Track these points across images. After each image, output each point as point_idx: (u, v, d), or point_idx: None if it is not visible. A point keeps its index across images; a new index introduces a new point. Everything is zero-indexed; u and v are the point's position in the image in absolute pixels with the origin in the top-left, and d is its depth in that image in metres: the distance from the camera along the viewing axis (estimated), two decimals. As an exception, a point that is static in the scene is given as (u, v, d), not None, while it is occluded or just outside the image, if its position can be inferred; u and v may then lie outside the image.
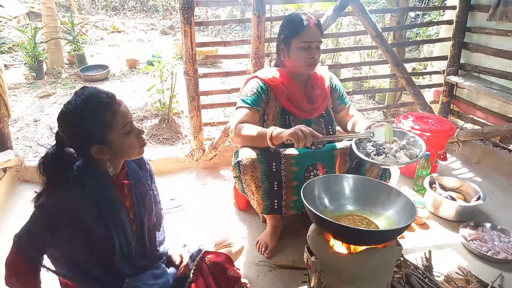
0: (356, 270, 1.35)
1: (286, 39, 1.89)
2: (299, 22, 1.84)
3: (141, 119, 4.12)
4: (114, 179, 1.28)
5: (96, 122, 1.16)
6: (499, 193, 2.62)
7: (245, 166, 1.79)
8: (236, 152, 1.90)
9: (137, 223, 1.35)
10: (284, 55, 1.93)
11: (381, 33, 2.91)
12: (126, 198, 1.32)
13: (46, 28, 5.63)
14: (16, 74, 5.53)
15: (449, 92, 3.25)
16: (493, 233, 2.17)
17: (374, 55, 6.30)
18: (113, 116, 1.18)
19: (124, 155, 1.28)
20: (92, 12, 11.21)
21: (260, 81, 1.94)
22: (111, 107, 1.18)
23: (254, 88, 1.92)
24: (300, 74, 1.95)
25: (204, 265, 1.47)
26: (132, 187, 1.34)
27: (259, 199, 1.88)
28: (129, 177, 1.34)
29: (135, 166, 1.39)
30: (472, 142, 3.10)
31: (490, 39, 2.92)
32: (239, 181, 1.87)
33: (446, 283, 1.82)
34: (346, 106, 2.12)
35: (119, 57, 6.74)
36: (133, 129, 1.24)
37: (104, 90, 1.21)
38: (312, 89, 2.00)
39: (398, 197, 1.46)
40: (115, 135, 1.19)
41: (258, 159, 1.80)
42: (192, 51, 2.51)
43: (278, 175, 1.84)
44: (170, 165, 2.82)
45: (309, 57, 1.85)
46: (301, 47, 1.84)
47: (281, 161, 1.83)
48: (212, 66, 6.40)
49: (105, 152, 1.20)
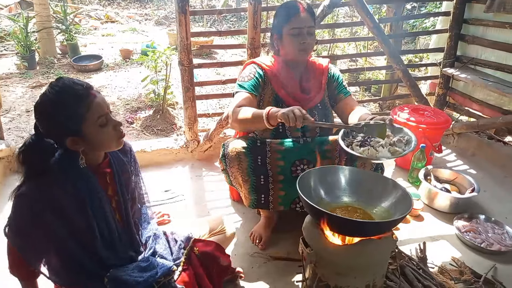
0: (351, 261, 1.35)
1: (278, 27, 1.88)
2: (289, 9, 1.83)
3: (135, 110, 4.08)
4: (96, 168, 1.28)
5: (69, 115, 1.15)
6: (494, 185, 2.63)
7: (231, 159, 1.79)
8: (223, 145, 1.89)
9: (120, 212, 1.35)
10: (278, 44, 1.92)
11: (378, 24, 2.89)
12: (108, 187, 1.32)
13: (38, 17, 5.54)
14: (8, 64, 5.45)
15: (445, 84, 3.25)
16: (487, 225, 2.17)
17: (370, 47, 6.28)
18: (87, 108, 1.16)
19: (100, 147, 1.26)
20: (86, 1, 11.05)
21: (257, 67, 1.93)
22: (86, 99, 1.16)
23: (251, 73, 1.90)
24: (295, 61, 1.92)
25: (193, 255, 1.45)
26: (114, 176, 1.33)
27: (246, 193, 1.87)
28: (112, 165, 1.34)
29: (118, 155, 1.38)
30: (468, 135, 3.11)
31: (487, 31, 2.91)
32: (226, 174, 1.89)
33: (440, 274, 1.82)
34: (345, 96, 2.01)
35: (112, 47, 6.66)
36: (109, 121, 1.22)
37: (80, 82, 1.19)
38: (307, 79, 1.97)
39: (394, 189, 1.46)
40: (89, 127, 1.18)
41: (244, 152, 1.79)
42: (187, 41, 2.47)
43: (264, 169, 1.82)
44: (164, 157, 2.80)
45: (301, 42, 1.82)
46: (291, 34, 1.82)
47: (267, 154, 1.81)
48: (207, 57, 6.34)
49: (79, 144, 1.19)
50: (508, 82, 2.73)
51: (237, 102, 1.82)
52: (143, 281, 1.28)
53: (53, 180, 1.18)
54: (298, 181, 1.40)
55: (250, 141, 1.84)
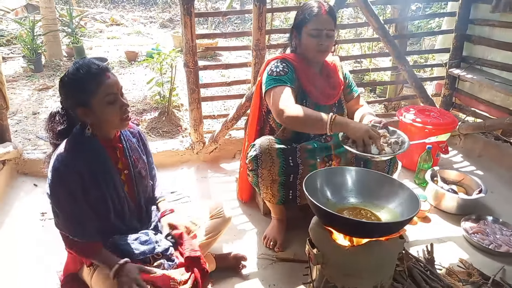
0: (358, 263, 1.34)
1: (298, 25, 1.89)
2: (311, 9, 1.84)
3: (141, 112, 4.09)
4: (107, 142, 1.44)
5: (81, 87, 1.31)
6: (501, 186, 2.61)
7: (263, 160, 1.80)
8: (252, 145, 1.87)
9: (129, 185, 1.50)
10: (296, 42, 1.93)
11: (383, 24, 2.89)
12: (119, 160, 1.47)
13: (44, 20, 5.57)
14: (15, 67, 5.49)
15: (451, 85, 3.23)
16: (495, 226, 2.16)
17: (375, 48, 6.25)
18: (98, 85, 1.31)
19: (105, 123, 1.39)
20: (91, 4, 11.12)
21: (288, 61, 1.91)
22: (98, 77, 1.31)
23: (285, 67, 1.87)
24: (313, 61, 1.94)
25: None
26: (125, 151, 1.49)
27: (274, 191, 1.88)
28: (122, 141, 1.49)
29: (128, 134, 1.54)
30: (474, 135, 3.09)
31: (493, 31, 2.89)
32: (255, 175, 1.86)
33: (447, 276, 1.81)
34: (356, 95, 2.10)
35: (118, 50, 6.69)
36: (117, 101, 1.36)
37: (98, 62, 1.35)
38: (328, 76, 2.00)
39: (401, 190, 1.45)
40: (98, 102, 1.32)
41: (277, 153, 1.80)
42: (192, 43, 2.48)
43: (295, 168, 1.84)
44: (170, 158, 2.81)
45: (319, 44, 1.83)
46: (311, 34, 1.83)
47: (297, 154, 1.84)
48: (211, 59, 6.35)
49: (89, 116, 1.35)
50: (515, 83, 2.71)
51: (285, 95, 1.76)
52: (140, 253, 1.42)
53: (72, 149, 1.35)
54: (304, 182, 1.40)
55: (278, 141, 1.85)
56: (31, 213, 2.24)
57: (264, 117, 2.05)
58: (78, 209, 1.36)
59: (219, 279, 1.77)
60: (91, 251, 1.39)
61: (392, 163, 1.95)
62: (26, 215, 2.23)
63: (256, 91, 2.04)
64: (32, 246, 1.99)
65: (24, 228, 2.13)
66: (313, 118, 1.68)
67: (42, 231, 2.11)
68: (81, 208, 1.36)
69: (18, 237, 2.06)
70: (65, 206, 1.35)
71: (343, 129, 1.65)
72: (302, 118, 1.69)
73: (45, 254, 1.90)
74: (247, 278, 1.80)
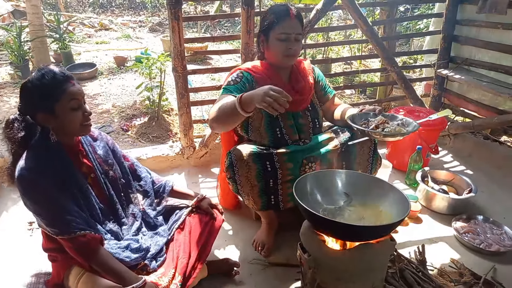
0: (350, 266, 1.33)
1: (265, 30, 1.86)
2: (278, 13, 1.81)
3: (130, 118, 4.06)
4: (69, 147, 1.45)
5: (44, 93, 1.33)
6: (491, 185, 2.63)
7: (240, 167, 1.78)
8: (228, 153, 1.85)
9: (98, 187, 1.51)
10: (264, 47, 1.90)
11: (371, 26, 2.90)
12: (82, 164, 1.49)
13: (31, 26, 5.51)
14: (2, 74, 5.42)
15: (439, 86, 3.25)
16: (485, 225, 2.17)
17: (365, 49, 6.29)
18: (63, 91, 1.34)
19: (68, 128, 1.40)
20: (79, 9, 11.06)
21: (244, 72, 1.89)
22: (63, 83, 1.35)
23: (238, 78, 1.86)
24: (281, 66, 1.92)
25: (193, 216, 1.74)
26: (88, 154, 1.52)
27: (255, 198, 1.85)
28: (84, 145, 1.52)
29: (89, 139, 1.57)
30: (463, 135, 3.11)
31: (480, 31, 2.92)
32: (233, 183, 1.84)
33: (439, 276, 1.81)
34: (331, 96, 2.10)
35: (107, 55, 6.65)
36: (81, 107, 1.39)
37: (63, 70, 1.38)
38: (297, 81, 1.97)
39: (391, 192, 1.45)
40: (61, 107, 1.34)
41: (253, 158, 1.77)
42: (180, 47, 2.46)
43: (273, 173, 1.82)
44: (160, 164, 2.78)
45: (288, 48, 1.81)
46: (279, 38, 1.81)
47: (274, 158, 1.81)
48: (201, 62, 6.34)
49: (50, 121, 1.36)
50: (502, 82, 2.74)
51: (219, 104, 1.68)
52: (131, 261, 1.45)
53: (36, 156, 1.35)
54: (294, 186, 1.39)
55: (255, 147, 1.83)
56: (19, 222, 2.20)
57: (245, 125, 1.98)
58: (61, 202, 1.33)
59: (211, 286, 1.75)
60: (94, 245, 1.35)
61: (375, 159, 1.96)
62: (13, 225, 2.19)
63: None
64: (20, 255, 1.95)
65: (11, 238, 2.09)
66: (226, 109, 1.61)
67: (30, 240, 2.08)
68: (64, 201, 1.34)
69: (5, 246, 2.02)
70: (47, 203, 1.32)
71: (249, 101, 1.49)
72: (218, 114, 1.65)
73: (33, 263, 1.86)
74: (239, 284, 1.78)
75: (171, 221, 1.74)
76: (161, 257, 1.58)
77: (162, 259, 1.57)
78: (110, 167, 1.59)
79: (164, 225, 1.70)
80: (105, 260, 1.36)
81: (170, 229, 1.70)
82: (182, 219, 1.71)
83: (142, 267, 1.50)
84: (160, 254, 1.58)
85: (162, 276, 1.47)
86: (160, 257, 1.57)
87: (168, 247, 1.63)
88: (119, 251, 1.44)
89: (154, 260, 1.55)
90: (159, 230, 1.67)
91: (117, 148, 1.70)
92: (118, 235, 1.52)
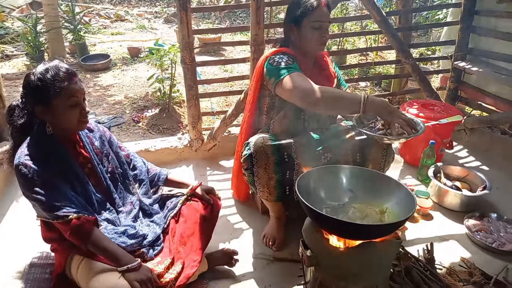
0: (352, 265, 1.30)
1: (297, 18, 1.85)
2: (311, 1, 1.82)
3: (142, 109, 4.07)
4: (66, 139, 1.47)
5: (46, 87, 1.34)
6: (507, 182, 2.54)
7: (258, 159, 1.76)
8: (246, 144, 1.84)
9: (95, 177, 1.53)
10: (294, 35, 1.89)
11: (385, 17, 2.82)
12: (79, 155, 1.51)
13: (46, 17, 5.58)
14: (18, 65, 5.51)
15: (456, 78, 3.15)
16: (498, 223, 2.10)
17: (382, 40, 6.15)
18: (64, 87, 1.35)
19: (64, 123, 1.42)
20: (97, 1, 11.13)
21: (288, 53, 1.87)
22: (64, 80, 1.36)
23: (289, 58, 1.83)
24: (311, 54, 1.92)
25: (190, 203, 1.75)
26: (85, 145, 1.54)
27: (271, 189, 1.84)
28: (81, 136, 1.54)
29: (86, 131, 1.59)
30: (480, 130, 3.01)
31: (499, 22, 2.80)
32: (250, 174, 1.83)
33: (448, 275, 1.76)
34: (345, 89, 2.12)
35: (121, 46, 6.68)
36: (79, 105, 1.40)
37: (67, 67, 1.40)
38: (322, 69, 1.99)
39: (397, 189, 1.40)
40: (60, 103, 1.36)
41: (271, 149, 1.76)
42: (189, 39, 2.44)
43: (291, 164, 1.81)
44: (168, 156, 2.78)
45: (322, 36, 1.83)
46: (313, 26, 1.81)
47: (292, 149, 1.80)
48: (214, 54, 6.31)
49: (47, 114, 1.39)
50: (522, 75, 2.63)
51: (305, 78, 1.70)
52: (127, 246, 1.47)
53: (35, 144, 1.38)
54: (297, 181, 1.37)
55: (273, 137, 1.82)
56: (28, 212, 2.23)
57: (266, 113, 1.99)
58: (57, 186, 1.36)
59: (213, 279, 1.74)
60: (88, 227, 1.37)
61: (388, 154, 1.92)
62: (23, 215, 2.22)
63: (252, 88, 2.00)
64: (29, 245, 1.98)
65: (20, 228, 2.12)
66: (344, 96, 1.66)
67: (39, 231, 2.10)
68: (61, 186, 1.37)
69: (15, 236, 2.06)
70: (44, 188, 1.34)
71: (376, 109, 1.56)
72: (334, 95, 1.64)
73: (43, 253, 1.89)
74: (242, 279, 1.77)
75: (166, 209, 1.75)
76: (159, 246, 1.60)
77: (160, 248, 1.60)
78: (107, 157, 1.62)
79: (160, 213, 1.72)
80: (100, 240, 1.39)
81: (166, 217, 1.71)
82: (177, 208, 1.72)
83: (140, 255, 1.52)
84: (157, 243, 1.61)
85: (158, 264, 1.49)
86: (157, 246, 1.60)
87: (165, 236, 1.65)
88: (115, 236, 1.47)
89: (151, 249, 1.57)
90: (154, 218, 1.69)
91: (113, 139, 1.72)
92: (115, 223, 1.54)
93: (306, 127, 1.94)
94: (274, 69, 1.79)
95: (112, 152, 1.67)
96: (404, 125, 1.53)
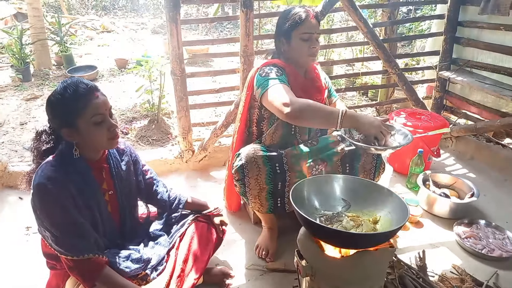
0: (348, 274, 1.31)
1: (286, 31, 1.86)
2: (299, 14, 1.84)
3: (130, 120, 4.04)
4: (93, 163, 1.41)
5: (67, 108, 1.28)
6: (493, 189, 2.59)
7: (249, 169, 1.76)
8: (237, 155, 1.84)
9: (113, 205, 1.48)
10: (285, 48, 1.91)
11: (372, 28, 2.87)
12: (104, 181, 1.44)
13: (32, 29, 5.52)
14: (3, 77, 5.43)
15: (441, 88, 3.22)
16: (487, 230, 2.13)
17: (367, 51, 6.26)
18: (85, 105, 1.27)
19: (92, 143, 1.35)
20: (82, 12, 11.09)
21: (278, 65, 1.88)
22: (85, 97, 1.28)
23: (278, 70, 1.84)
24: (302, 65, 1.94)
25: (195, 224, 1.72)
26: (111, 170, 1.47)
27: (262, 201, 1.84)
28: (108, 161, 1.47)
29: (116, 154, 1.51)
30: (466, 138, 3.07)
31: (481, 33, 2.88)
32: (242, 184, 1.82)
33: (440, 282, 1.78)
34: (335, 99, 2.13)
35: (108, 57, 6.65)
36: (105, 121, 1.32)
37: (86, 82, 1.31)
38: (313, 81, 2.00)
39: (390, 197, 1.42)
40: (84, 122, 1.29)
41: (263, 160, 1.77)
42: (178, 50, 2.45)
43: (283, 175, 1.82)
44: (159, 167, 2.76)
45: (311, 47, 1.84)
46: (302, 38, 1.83)
47: (283, 160, 1.81)
48: (202, 65, 6.32)
49: (74, 136, 1.31)
50: (505, 84, 2.70)
51: (287, 90, 1.71)
52: (131, 271, 1.42)
53: (59, 166, 1.30)
54: (291, 192, 1.37)
55: (264, 148, 1.82)
56: (16, 227, 2.19)
57: (256, 125, 2.00)
58: (74, 219, 1.29)
59: (207, 292, 1.73)
60: (99, 267, 1.32)
61: (378, 163, 1.94)
62: (10, 229, 2.17)
63: (244, 98, 2.01)
64: (16, 260, 1.93)
65: (8, 243, 2.07)
66: (322, 110, 1.65)
67: (27, 245, 2.06)
68: (78, 222, 1.29)
69: (1, 251, 2.00)
70: (61, 223, 1.27)
71: (353, 124, 1.62)
72: (312, 109, 1.64)
73: (29, 268, 1.84)
74: (236, 291, 1.76)
75: (174, 229, 1.70)
76: (161, 266, 1.55)
77: (162, 268, 1.54)
78: (130, 184, 1.56)
79: (165, 235, 1.66)
80: (110, 277, 1.33)
81: (172, 237, 1.65)
82: (184, 227, 1.68)
83: (143, 276, 1.47)
84: (160, 264, 1.55)
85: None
86: (160, 266, 1.54)
87: (169, 256, 1.59)
88: (119, 261, 1.41)
89: (154, 270, 1.52)
90: (159, 240, 1.62)
91: (139, 162, 1.66)
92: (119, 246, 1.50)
93: (297, 138, 1.95)
94: (262, 79, 1.81)
95: (135, 177, 1.61)
96: (382, 139, 1.61)
